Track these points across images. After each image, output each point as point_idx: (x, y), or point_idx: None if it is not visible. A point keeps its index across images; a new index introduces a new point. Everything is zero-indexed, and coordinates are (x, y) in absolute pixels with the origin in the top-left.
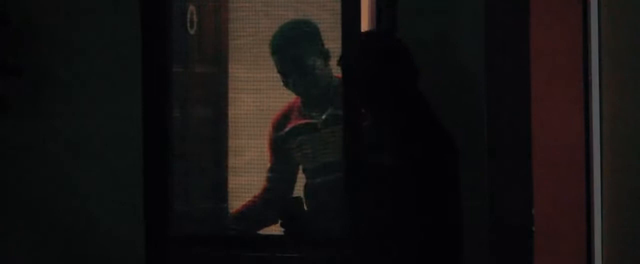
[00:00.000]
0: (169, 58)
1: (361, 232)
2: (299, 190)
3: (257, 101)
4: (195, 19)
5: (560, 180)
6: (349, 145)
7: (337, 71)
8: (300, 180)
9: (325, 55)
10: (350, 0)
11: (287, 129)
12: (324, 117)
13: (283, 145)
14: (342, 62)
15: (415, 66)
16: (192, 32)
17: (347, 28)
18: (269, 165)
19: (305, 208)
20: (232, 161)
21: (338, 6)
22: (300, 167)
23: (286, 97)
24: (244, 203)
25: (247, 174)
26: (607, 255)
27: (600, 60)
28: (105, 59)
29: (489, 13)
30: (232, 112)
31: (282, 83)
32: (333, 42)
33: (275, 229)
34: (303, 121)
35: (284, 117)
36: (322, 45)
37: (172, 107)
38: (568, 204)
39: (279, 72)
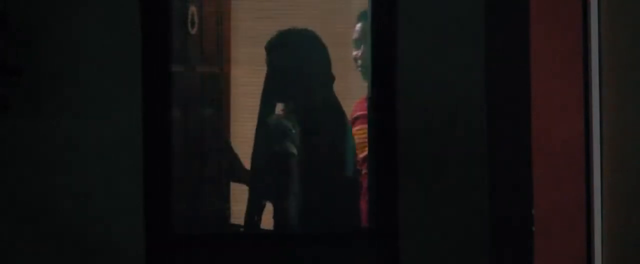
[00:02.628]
0: (170, 58)
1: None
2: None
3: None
4: (196, 19)
5: (560, 180)
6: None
7: None
8: None
9: None
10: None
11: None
12: None
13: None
14: (268, 47)
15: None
16: (193, 31)
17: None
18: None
19: None
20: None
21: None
22: None
23: None
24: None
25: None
26: (607, 255)
27: (600, 60)
28: (105, 59)
29: (489, 13)
30: (234, 112)
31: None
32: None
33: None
34: None
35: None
36: None
37: (172, 107)
38: (568, 204)
39: None
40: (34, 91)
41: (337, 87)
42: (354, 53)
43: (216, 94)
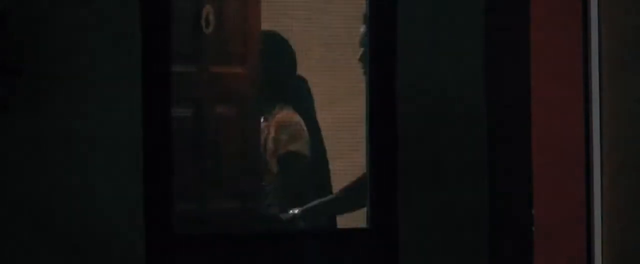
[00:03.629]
0: (170, 57)
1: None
2: None
3: None
4: (211, 18)
5: (560, 180)
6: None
7: None
8: None
9: None
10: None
11: None
12: None
13: None
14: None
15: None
16: (207, 31)
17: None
18: None
19: None
20: None
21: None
22: None
23: None
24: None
25: None
26: (607, 255)
27: (600, 60)
28: (105, 58)
29: (489, 13)
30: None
31: None
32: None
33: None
34: None
35: None
36: None
37: (172, 106)
38: (568, 204)
39: None
40: (34, 91)
41: (337, 87)
42: (361, 53)
43: (226, 94)
